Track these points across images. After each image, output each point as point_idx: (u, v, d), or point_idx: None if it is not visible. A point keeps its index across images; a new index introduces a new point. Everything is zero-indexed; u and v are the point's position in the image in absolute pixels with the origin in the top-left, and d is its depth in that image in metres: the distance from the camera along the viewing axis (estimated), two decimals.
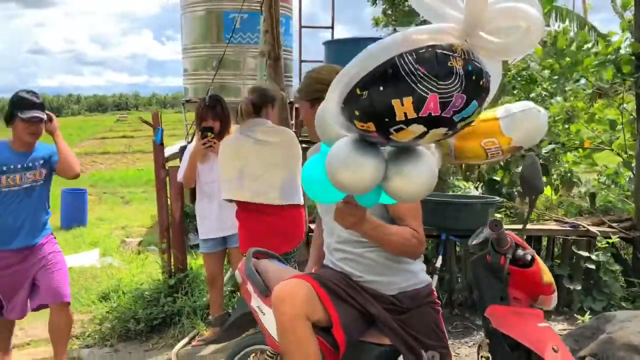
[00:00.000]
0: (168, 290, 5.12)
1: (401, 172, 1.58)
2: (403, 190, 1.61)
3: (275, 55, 4.51)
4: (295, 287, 2.12)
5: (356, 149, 1.58)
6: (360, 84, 1.46)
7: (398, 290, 2.21)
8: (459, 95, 1.44)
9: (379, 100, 1.44)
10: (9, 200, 3.66)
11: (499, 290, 1.89)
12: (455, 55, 1.43)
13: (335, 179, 1.61)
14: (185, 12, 5.63)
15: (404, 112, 1.44)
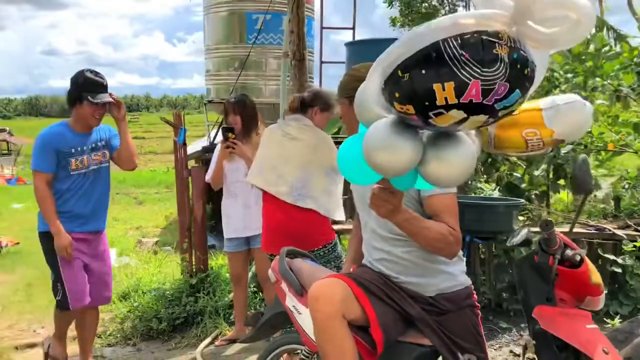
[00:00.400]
0: (189, 290, 5.13)
1: (439, 156, 1.56)
2: (440, 174, 1.58)
3: (301, 55, 4.51)
4: (331, 286, 2.11)
5: (394, 130, 1.56)
6: (402, 66, 1.45)
7: (436, 291, 2.19)
8: (502, 84, 1.42)
9: (420, 83, 1.42)
10: (80, 183, 3.61)
11: (546, 291, 1.87)
12: (502, 43, 1.41)
13: (371, 160, 1.59)
14: (209, 12, 5.64)
15: (445, 97, 1.41)
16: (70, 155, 3.55)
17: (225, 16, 5.47)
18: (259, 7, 5.33)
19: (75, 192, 3.59)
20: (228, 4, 5.43)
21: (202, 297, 4.98)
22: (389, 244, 2.21)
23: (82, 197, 3.62)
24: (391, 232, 2.18)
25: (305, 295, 2.46)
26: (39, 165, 3.53)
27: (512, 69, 1.42)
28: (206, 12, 5.68)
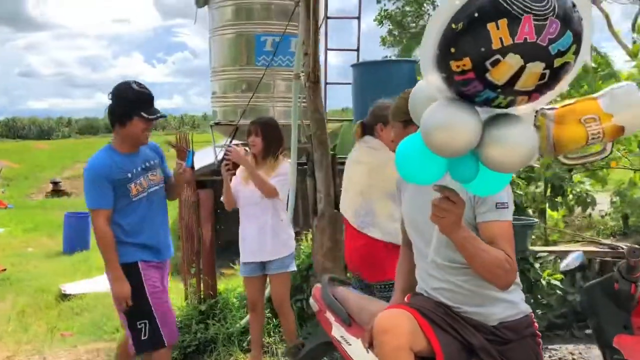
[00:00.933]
0: (199, 317, 5.01)
1: (499, 137, 1.55)
2: (502, 157, 1.57)
3: (315, 77, 4.48)
4: (398, 318, 2.05)
5: (451, 106, 1.55)
6: (455, 18, 1.46)
7: (498, 320, 2.14)
8: (553, 20, 1.43)
9: (475, 27, 1.43)
10: (145, 209, 3.30)
11: (623, 319, 1.84)
12: None
13: (431, 140, 1.58)
14: (215, 35, 5.60)
15: (500, 38, 1.42)
16: (128, 180, 3.20)
17: (232, 38, 5.44)
18: (266, 29, 5.32)
19: (142, 220, 3.26)
20: (235, 27, 5.41)
21: (212, 323, 4.86)
22: (447, 273, 2.16)
23: (150, 223, 3.30)
24: (450, 260, 2.14)
25: (354, 325, 2.40)
26: (96, 202, 3.15)
27: (560, 5, 1.44)
28: (212, 35, 5.63)
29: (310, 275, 4.96)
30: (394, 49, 15.63)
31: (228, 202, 4.17)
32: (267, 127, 3.97)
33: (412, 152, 1.68)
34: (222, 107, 5.61)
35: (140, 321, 3.22)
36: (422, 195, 2.25)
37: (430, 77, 1.59)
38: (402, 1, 15.95)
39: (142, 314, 3.22)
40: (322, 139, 4.58)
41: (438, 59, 1.52)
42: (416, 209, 2.27)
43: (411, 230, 2.32)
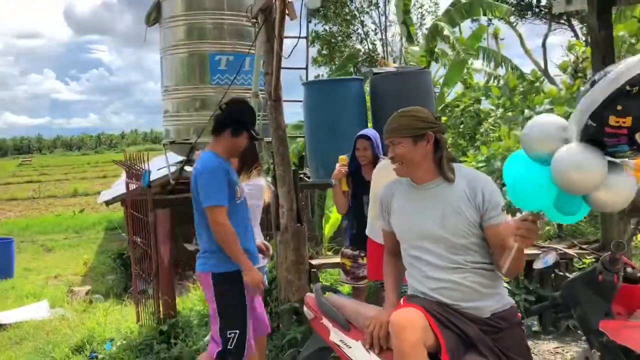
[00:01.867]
0: (160, 337, 4.96)
1: (610, 183, 1.78)
2: (611, 199, 1.81)
3: (277, 96, 4.60)
4: (414, 315, 2.21)
5: (588, 152, 1.76)
6: (632, 81, 1.64)
7: (491, 312, 2.35)
8: None
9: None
10: (242, 212, 3.38)
11: (604, 307, 2.09)
12: None
13: (565, 178, 1.78)
14: (166, 54, 5.60)
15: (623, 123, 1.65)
16: (236, 183, 3.33)
17: (186, 57, 5.46)
18: (220, 48, 5.39)
19: (242, 222, 3.34)
20: (187, 46, 5.43)
21: (177, 343, 4.82)
22: (447, 273, 2.34)
23: (245, 227, 3.37)
24: (452, 262, 2.33)
25: (353, 329, 2.54)
26: (219, 199, 3.17)
27: None
28: (163, 54, 5.63)
29: (272, 290, 5.04)
30: (325, 68, 16.08)
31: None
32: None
33: (532, 183, 1.92)
34: (175, 126, 5.59)
35: (231, 330, 3.23)
36: (416, 204, 2.44)
37: (577, 122, 1.79)
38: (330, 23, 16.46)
39: (236, 324, 3.25)
40: (284, 155, 4.70)
41: (597, 110, 1.71)
42: (412, 218, 2.44)
43: (406, 237, 2.48)
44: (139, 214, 5.59)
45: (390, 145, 2.43)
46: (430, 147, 2.41)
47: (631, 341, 1.97)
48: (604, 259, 2.04)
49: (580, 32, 14.55)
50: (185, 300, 5.94)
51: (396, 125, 2.42)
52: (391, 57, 16.00)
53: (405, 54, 11.63)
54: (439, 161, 2.44)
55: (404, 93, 5.17)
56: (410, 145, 2.39)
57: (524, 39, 17.16)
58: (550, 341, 4.81)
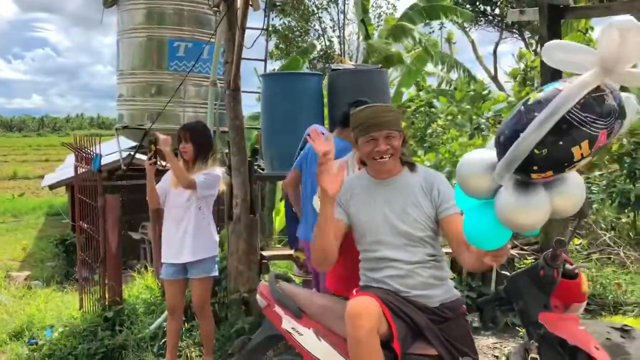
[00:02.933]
0: (105, 324, 4.89)
1: (561, 193, 1.87)
2: (566, 206, 1.90)
3: (236, 85, 4.60)
4: (369, 303, 2.28)
5: (524, 193, 1.83)
6: (539, 145, 1.73)
7: (440, 302, 2.46)
8: (617, 122, 1.76)
9: (560, 151, 1.73)
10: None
11: (544, 300, 2.21)
12: (607, 93, 1.74)
13: (514, 224, 1.87)
14: (123, 37, 5.48)
15: (581, 153, 1.74)
16: None
17: (144, 41, 5.36)
18: (179, 35, 5.33)
19: None
20: (146, 30, 5.34)
21: (122, 330, 4.77)
22: (405, 264, 2.44)
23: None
24: (410, 254, 2.45)
25: (305, 317, 2.59)
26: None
27: (620, 108, 1.77)
28: (120, 36, 5.51)
29: (221, 280, 5.04)
30: (281, 62, 16.05)
31: (152, 200, 4.12)
32: (196, 133, 4.00)
33: (485, 228, 2.00)
34: (130, 111, 5.49)
35: None
36: (379, 198, 2.53)
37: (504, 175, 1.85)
38: (289, 17, 16.47)
39: None
40: (240, 146, 4.71)
41: (518, 170, 1.79)
42: (376, 211, 2.52)
43: (368, 230, 2.53)
44: (87, 198, 5.48)
45: (382, 138, 2.46)
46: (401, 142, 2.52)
47: (566, 333, 2.10)
48: (546, 255, 2.16)
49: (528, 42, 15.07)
50: (131, 287, 5.87)
51: (390, 118, 2.49)
52: (348, 55, 16.14)
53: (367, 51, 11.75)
54: (401, 157, 2.55)
55: (361, 90, 5.22)
56: (398, 139, 2.48)
57: (476, 45, 17.65)
58: (489, 337, 5.00)
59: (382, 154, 2.47)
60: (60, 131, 79.82)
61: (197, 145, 3.96)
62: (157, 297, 5.39)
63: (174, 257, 4.09)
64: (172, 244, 4.09)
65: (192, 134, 3.96)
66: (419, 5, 12.03)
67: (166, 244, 4.14)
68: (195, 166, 3.99)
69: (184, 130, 3.99)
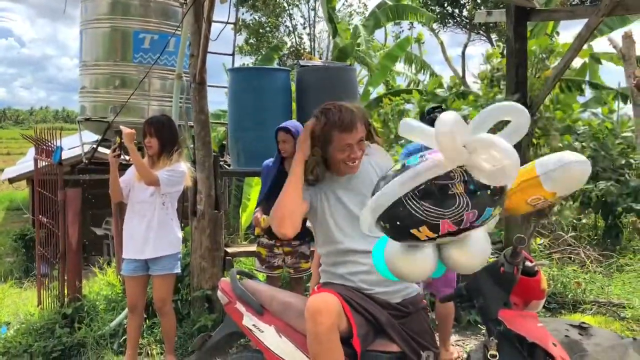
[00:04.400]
0: (63, 321, 4.77)
1: (458, 248, 1.87)
2: (463, 264, 1.93)
3: (202, 79, 4.53)
4: (330, 300, 2.25)
5: (405, 247, 1.84)
6: (380, 218, 1.74)
7: (401, 297, 2.45)
8: (469, 212, 1.67)
9: (400, 231, 1.73)
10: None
11: (503, 297, 2.22)
12: (455, 182, 1.67)
13: (396, 273, 1.91)
14: (87, 27, 5.33)
15: (426, 235, 1.72)
16: None
17: (107, 32, 5.22)
18: (144, 27, 5.21)
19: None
20: (110, 21, 5.21)
21: (81, 327, 4.66)
22: (366, 257, 2.39)
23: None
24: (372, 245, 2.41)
25: (266, 314, 2.56)
26: None
27: (474, 197, 1.68)
28: (84, 27, 5.36)
29: (185, 276, 4.97)
30: (251, 57, 15.97)
31: (114, 194, 4.02)
32: (161, 127, 3.91)
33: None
34: (92, 103, 5.34)
35: None
36: (335, 191, 2.50)
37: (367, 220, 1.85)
38: (260, 13, 16.37)
39: None
40: (205, 140, 4.64)
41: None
42: (333, 204, 2.50)
43: (327, 223, 2.50)
44: (48, 192, 5.34)
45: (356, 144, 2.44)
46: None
47: (525, 330, 2.11)
48: (506, 252, 2.17)
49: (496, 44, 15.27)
50: (91, 284, 5.74)
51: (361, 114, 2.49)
52: (318, 53, 16.13)
53: (333, 50, 11.77)
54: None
55: (329, 87, 5.23)
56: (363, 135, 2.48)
57: (444, 47, 17.81)
58: (452, 334, 5.05)
59: (357, 159, 2.47)
60: (23, 124, 77.84)
61: (162, 140, 3.88)
62: (118, 294, 5.28)
63: (136, 253, 4.01)
64: (135, 239, 4.01)
65: (156, 128, 3.87)
66: (387, 4, 12.09)
67: (128, 239, 4.05)
68: (160, 161, 3.91)
69: (148, 124, 3.91)
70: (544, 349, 2.08)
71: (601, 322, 5.03)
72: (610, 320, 5.15)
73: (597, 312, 5.42)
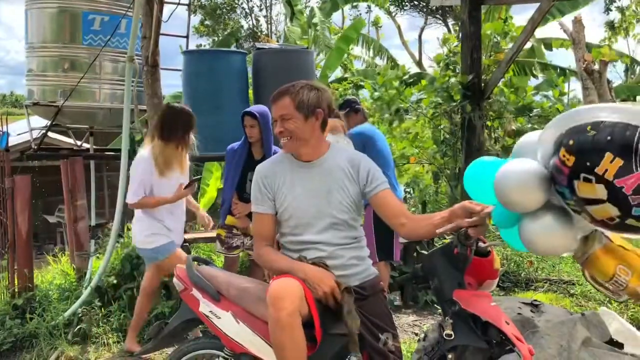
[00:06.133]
0: (14, 312, 4.63)
1: (550, 224, 1.90)
2: (534, 238, 1.95)
3: (154, 62, 4.42)
4: (292, 286, 2.24)
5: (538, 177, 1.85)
6: (594, 124, 1.63)
7: (359, 280, 2.47)
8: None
9: (599, 144, 1.61)
10: None
11: (458, 278, 2.26)
12: None
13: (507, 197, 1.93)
14: (32, 7, 5.10)
15: (606, 169, 1.60)
16: None
17: (55, 13, 5.01)
18: (94, 7, 5.03)
19: None
20: (57, 1, 4.98)
21: (33, 318, 4.53)
22: (333, 247, 2.44)
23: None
24: (334, 237, 2.45)
25: (223, 300, 2.53)
26: None
27: None
28: (29, 7, 5.13)
29: (140, 263, 4.89)
30: (208, 39, 15.71)
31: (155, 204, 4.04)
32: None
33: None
34: (41, 87, 5.14)
35: None
36: (305, 182, 2.48)
37: (543, 148, 1.81)
38: None
39: None
40: None
41: (557, 139, 1.72)
42: (297, 196, 2.47)
43: (289, 214, 2.48)
44: None
45: (279, 120, 2.45)
46: (319, 123, 2.47)
47: (479, 309, 2.16)
48: (460, 233, 2.20)
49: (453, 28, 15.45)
50: (44, 273, 5.58)
51: (281, 101, 2.46)
52: (275, 36, 15.98)
53: (288, 34, 11.66)
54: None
55: (286, 71, 5.18)
56: (301, 121, 2.42)
57: (402, 30, 17.92)
58: (409, 315, 5.14)
59: (280, 136, 2.46)
60: None
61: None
62: (72, 283, 5.16)
63: (180, 239, 4.24)
64: (178, 227, 4.20)
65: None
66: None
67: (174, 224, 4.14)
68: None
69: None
70: (497, 327, 2.13)
71: (552, 299, 5.20)
72: (560, 297, 5.33)
73: (548, 290, 5.59)
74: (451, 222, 2.23)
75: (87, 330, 4.47)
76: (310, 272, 2.34)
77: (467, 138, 6.15)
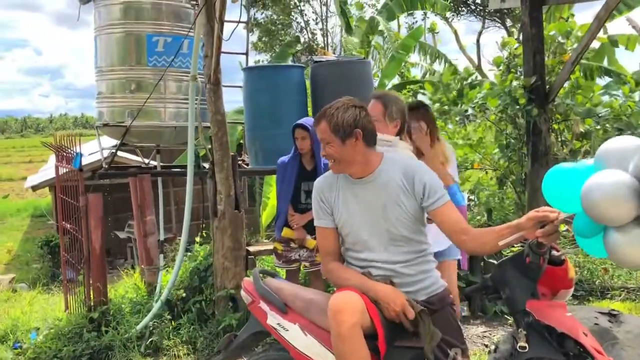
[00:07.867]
0: (90, 325, 4.82)
1: (633, 237, 1.83)
2: (621, 250, 1.88)
3: (217, 80, 4.53)
4: (352, 299, 2.24)
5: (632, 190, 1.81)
6: None
7: (426, 295, 2.43)
8: None
9: None
10: None
11: (531, 288, 2.19)
12: None
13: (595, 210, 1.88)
14: (101, 33, 5.37)
15: None
16: None
17: (121, 37, 5.25)
18: (157, 30, 5.22)
19: None
20: (123, 26, 5.23)
21: (108, 330, 4.70)
22: (394, 265, 2.42)
23: None
24: (394, 253, 2.43)
25: (290, 312, 2.54)
26: None
27: None
28: (98, 33, 5.40)
29: (208, 276, 4.99)
30: (265, 55, 16.02)
31: None
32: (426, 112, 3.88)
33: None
34: (110, 108, 5.38)
35: None
36: (359, 199, 2.47)
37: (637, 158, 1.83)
38: (270, 11, 16.41)
39: None
40: (222, 141, 4.64)
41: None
42: (353, 213, 2.46)
43: (353, 231, 2.47)
44: (70, 198, 5.39)
45: (323, 144, 2.49)
46: (360, 142, 2.42)
47: (554, 320, 2.08)
48: (532, 242, 2.14)
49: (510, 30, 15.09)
50: (117, 287, 5.79)
51: (318, 126, 2.48)
52: (331, 48, 16.09)
53: (345, 44, 11.70)
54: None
55: (344, 82, 5.20)
56: (338, 146, 2.41)
57: (459, 35, 17.65)
58: (478, 326, 5.00)
59: (326, 159, 2.51)
60: (43, 132, 78.88)
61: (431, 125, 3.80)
62: (143, 297, 5.33)
63: None
64: None
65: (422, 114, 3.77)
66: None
67: None
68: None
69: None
70: (575, 338, 2.05)
71: (631, 308, 4.95)
72: (639, 306, 5.06)
73: (625, 298, 5.33)
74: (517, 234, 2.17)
75: (159, 343, 4.60)
76: (381, 291, 2.32)
77: (533, 142, 5.96)
